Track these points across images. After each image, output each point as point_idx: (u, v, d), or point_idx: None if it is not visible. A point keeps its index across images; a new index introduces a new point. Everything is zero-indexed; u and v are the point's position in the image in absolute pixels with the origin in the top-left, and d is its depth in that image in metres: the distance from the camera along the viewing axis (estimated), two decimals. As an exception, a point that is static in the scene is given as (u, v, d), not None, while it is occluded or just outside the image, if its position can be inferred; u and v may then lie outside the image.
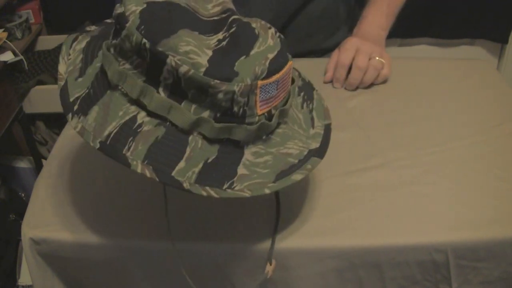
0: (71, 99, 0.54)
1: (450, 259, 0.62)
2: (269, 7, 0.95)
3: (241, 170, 0.52)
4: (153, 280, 0.66)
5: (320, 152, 0.57)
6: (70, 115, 0.53)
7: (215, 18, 0.54)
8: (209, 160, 0.51)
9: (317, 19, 1.01)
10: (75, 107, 0.53)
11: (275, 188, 0.52)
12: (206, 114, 0.51)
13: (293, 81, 0.58)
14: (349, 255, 0.62)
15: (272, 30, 0.55)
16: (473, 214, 0.64)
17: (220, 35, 0.52)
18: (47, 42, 1.89)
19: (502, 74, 1.42)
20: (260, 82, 0.50)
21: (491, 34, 2.00)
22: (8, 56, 1.59)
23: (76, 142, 0.78)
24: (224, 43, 0.51)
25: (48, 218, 0.65)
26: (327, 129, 0.61)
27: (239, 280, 0.65)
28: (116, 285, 0.68)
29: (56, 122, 1.79)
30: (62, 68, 0.56)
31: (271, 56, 0.51)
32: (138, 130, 0.51)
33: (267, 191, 0.51)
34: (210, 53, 0.50)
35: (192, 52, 0.49)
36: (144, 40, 0.49)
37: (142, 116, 0.52)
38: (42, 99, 1.65)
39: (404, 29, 1.90)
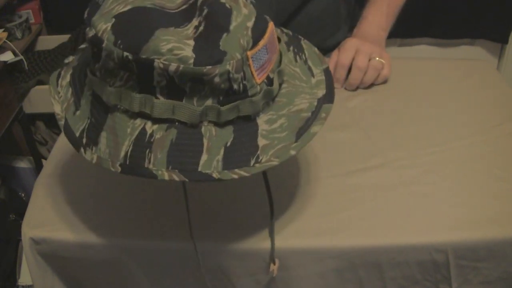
0: (77, 134, 0.54)
1: (450, 259, 0.62)
2: (269, 6, 0.95)
3: (261, 141, 0.52)
4: (153, 279, 0.66)
5: (329, 97, 0.58)
6: (82, 149, 0.53)
7: (184, 7, 0.54)
8: (228, 144, 0.52)
9: (317, 18, 1.01)
10: (84, 140, 0.53)
11: (299, 146, 0.53)
12: (209, 102, 0.51)
13: (279, 39, 0.58)
14: (349, 255, 0.62)
15: (243, 1, 0.54)
16: (473, 214, 0.64)
17: (195, 22, 0.52)
18: (47, 42, 1.89)
19: (502, 74, 1.41)
20: (249, 53, 0.50)
21: (491, 34, 2.00)
22: (8, 56, 1.59)
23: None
24: (201, 28, 0.51)
25: (48, 218, 0.65)
26: (327, 73, 0.61)
27: (240, 281, 0.65)
28: (116, 285, 0.68)
29: (56, 122, 1.79)
30: (57, 108, 0.57)
31: (250, 24, 0.51)
32: (152, 140, 0.51)
33: (292, 152, 0.52)
34: (192, 42, 0.50)
35: (175, 48, 0.49)
36: (126, 53, 0.49)
37: (149, 126, 0.51)
38: (42, 99, 1.65)
39: (404, 29, 1.90)
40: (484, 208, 0.65)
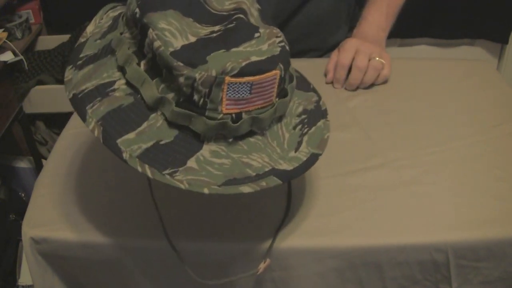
0: (81, 55, 0.57)
1: (450, 259, 0.62)
2: (269, 6, 0.95)
3: (191, 162, 0.51)
4: (153, 279, 0.66)
5: (284, 175, 0.53)
6: (70, 66, 0.56)
7: (224, 13, 0.54)
8: (162, 142, 0.51)
9: (317, 18, 1.01)
10: (79, 62, 0.56)
11: (216, 191, 0.49)
12: (170, 96, 0.51)
13: (283, 95, 0.55)
14: (349, 255, 0.62)
15: (278, 40, 0.53)
16: (473, 214, 0.64)
17: (216, 28, 0.52)
18: (47, 42, 1.89)
19: (502, 74, 1.42)
20: (228, 78, 0.48)
21: (491, 34, 2.00)
22: (8, 56, 1.59)
23: (76, 142, 0.78)
24: (214, 35, 0.51)
25: (48, 218, 0.65)
26: (312, 158, 0.56)
27: (240, 281, 0.65)
28: (116, 284, 0.68)
29: (56, 122, 1.79)
30: (89, 28, 0.60)
31: (255, 59, 0.50)
32: (110, 94, 0.53)
33: (206, 190, 0.49)
34: (193, 39, 0.50)
35: (168, 31, 0.50)
36: (137, 9, 0.52)
37: (120, 83, 0.53)
38: (42, 99, 1.66)
39: (404, 29, 1.91)
40: (484, 208, 0.65)
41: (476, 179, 0.70)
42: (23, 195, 1.68)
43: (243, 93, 0.50)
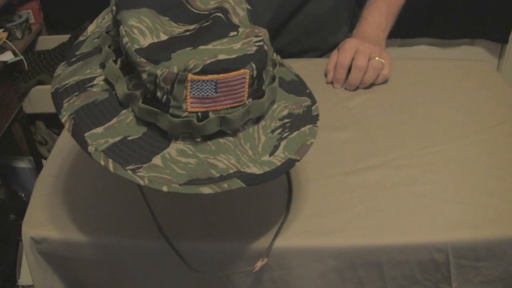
0: (77, 53, 0.58)
1: (450, 259, 0.62)
2: (270, 5, 0.95)
3: (156, 160, 0.50)
4: (153, 279, 0.66)
5: (250, 179, 0.50)
6: (62, 63, 0.57)
7: (204, 12, 0.54)
8: (129, 138, 0.51)
9: (317, 18, 1.01)
10: (72, 59, 0.58)
11: (176, 190, 0.48)
12: (138, 92, 0.51)
13: (259, 96, 0.53)
14: (349, 254, 0.62)
15: (256, 39, 0.52)
16: (473, 213, 0.65)
17: (192, 26, 0.52)
18: (47, 42, 1.89)
19: (502, 74, 1.41)
20: (190, 76, 0.48)
21: (491, 34, 2.00)
22: (8, 56, 1.59)
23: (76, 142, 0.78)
24: (188, 33, 0.51)
25: (48, 217, 0.65)
26: (288, 163, 0.53)
27: (240, 280, 0.65)
28: (116, 284, 0.68)
29: (56, 122, 1.79)
30: (91, 27, 0.61)
31: (222, 57, 0.49)
32: (87, 89, 0.54)
33: (165, 188, 0.48)
34: (164, 37, 0.50)
35: (137, 28, 0.50)
36: (114, 7, 0.53)
37: (100, 79, 0.54)
38: (42, 99, 1.66)
39: (404, 29, 1.91)
40: (484, 207, 0.65)
41: (476, 179, 0.70)
42: (23, 195, 1.68)
43: (207, 92, 0.49)
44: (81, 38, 0.60)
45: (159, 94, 0.49)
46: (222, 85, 0.49)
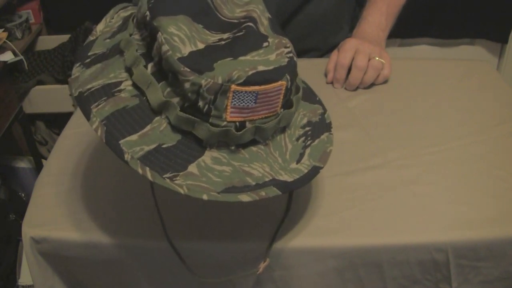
0: (89, 53, 0.57)
1: (450, 259, 0.62)
2: (270, 5, 0.95)
3: (192, 168, 0.50)
4: (153, 279, 0.66)
5: (284, 186, 0.52)
6: (78, 64, 0.56)
7: (234, 21, 0.54)
8: (164, 146, 0.51)
9: (318, 18, 1.01)
10: (86, 60, 0.56)
11: (215, 198, 0.49)
12: (175, 100, 0.51)
13: (289, 106, 0.55)
14: (349, 254, 0.62)
15: (286, 50, 0.53)
16: (473, 213, 0.65)
17: (225, 35, 0.52)
18: (47, 42, 1.89)
19: (502, 74, 1.41)
20: (233, 87, 0.48)
21: (491, 34, 2.00)
22: (8, 56, 1.59)
23: (76, 142, 0.78)
24: (223, 42, 0.51)
25: (48, 217, 0.65)
26: (313, 170, 0.55)
27: (240, 280, 0.65)
28: (117, 284, 0.68)
29: (56, 122, 1.79)
30: (100, 27, 0.60)
31: (261, 68, 0.50)
32: (115, 94, 0.53)
33: (205, 197, 0.49)
34: (201, 46, 0.50)
35: (177, 36, 0.50)
36: (147, 12, 0.52)
37: (127, 84, 0.53)
38: (42, 99, 1.66)
39: (404, 29, 1.91)
40: (484, 207, 0.65)
41: (476, 179, 0.70)
42: (23, 195, 1.68)
43: (248, 102, 0.50)
44: (91, 38, 0.59)
45: (200, 103, 0.49)
46: (261, 96, 0.50)
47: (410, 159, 0.73)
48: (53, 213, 0.66)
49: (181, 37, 0.50)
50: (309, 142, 0.58)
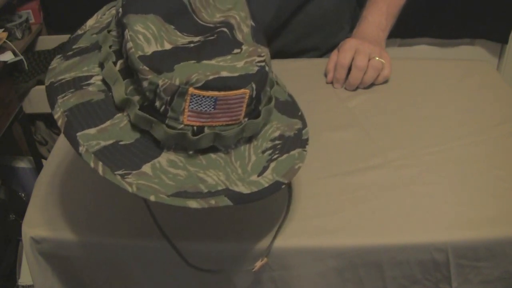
0: (74, 47, 0.58)
1: (451, 258, 0.62)
2: (270, 5, 0.95)
3: (146, 168, 0.50)
4: (153, 279, 0.66)
5: (238, 198, 0.51)
6: (58, 55, 0.56)
7: (210, 25, 0.54)
8: (121, 143, 0.51)
9: (318, 18, 1.01)
10: (69, 53, 0.57)
11: (162, 200, 0.48)
12: (136, 98, 0.51)
13: (255, 116, 0.53)
14: (349, 254, 0.62)
15: (259, 59, 0.52)
16: (473, 213, 0.65)
17: (196, 38, 0.52)
18: (47, 42, 1.89)
19: (502, 74, 1.41)
20: (191, 90, 0.48)
21: (491, 34, 2.00)
22: (8, 56, 1.59)
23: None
24: (192, 45, 0.51)
25: (48, 217, 0.65)
26: (275, 185, 0.53)
27: (240, 280, 0.65)
28: (117, 284, 0.68)
29: (56, 122, 1.79)
30: (90, 22, 0.61)
31: (225, 74, 0.49)
32: (84, 87, 0.53)
33: (152, 198, 0.48)
34: (168, 47, 0.50)
35: (142, 35, 0.50)
36: (120, 9, 0.52)
37: (97, 79, 0.54)
38: (42, 99, 1.65)
39: (404, 29, 1.91)
40: (484, 207, 0.65)
41: (476, 179, 0.70)
42: (23, 195, 1.68)
43: (206, 107, 0.49)
44: (79, 32, 0.59)
45: (157, 103, 0.49)
46: (221, 102, 0.49)
47: (410, 159, 0.73)
48: (53, 213, 0.66)
49: (147, 36, 0.50)
50: (275, 156, 0.55)
